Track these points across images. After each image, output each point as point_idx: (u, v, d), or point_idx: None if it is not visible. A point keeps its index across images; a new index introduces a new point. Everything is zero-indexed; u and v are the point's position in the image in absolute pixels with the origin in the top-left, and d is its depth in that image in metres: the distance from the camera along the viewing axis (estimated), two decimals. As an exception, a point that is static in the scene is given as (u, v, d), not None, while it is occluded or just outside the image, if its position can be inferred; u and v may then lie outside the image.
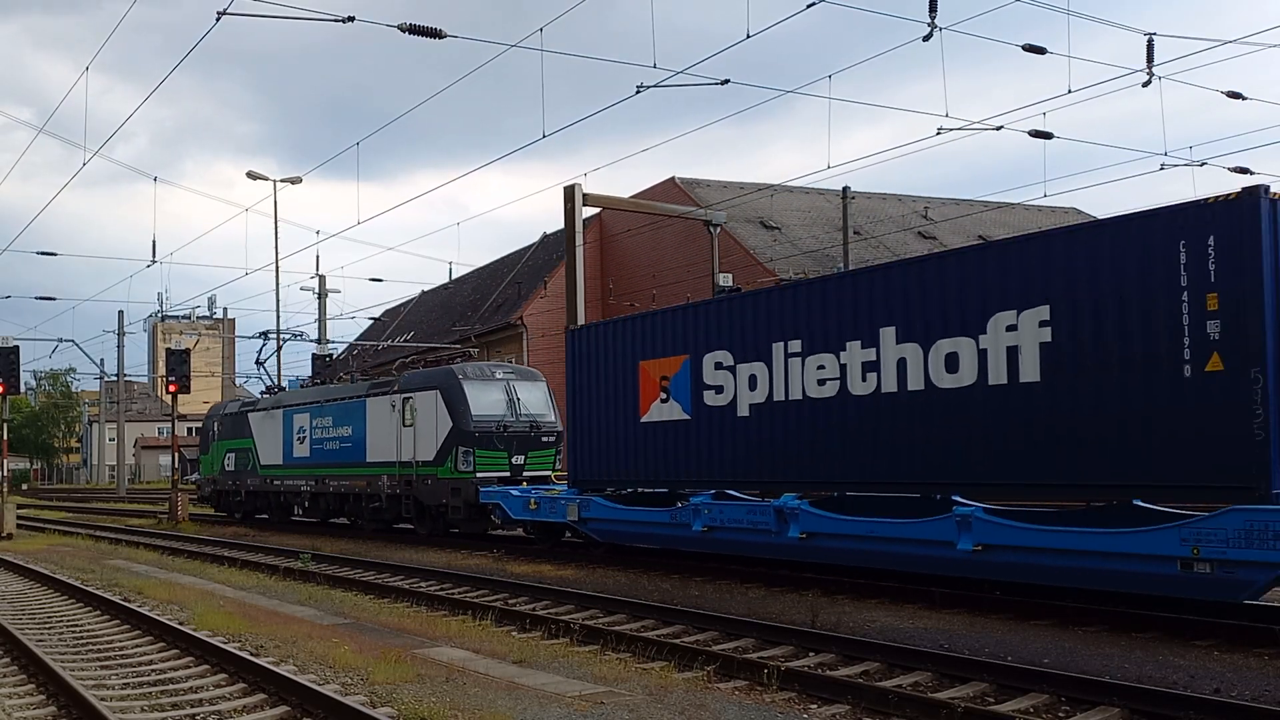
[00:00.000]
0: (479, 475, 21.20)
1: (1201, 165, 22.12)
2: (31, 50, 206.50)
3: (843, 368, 13.16)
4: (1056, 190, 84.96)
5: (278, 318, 39.05)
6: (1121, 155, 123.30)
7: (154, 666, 9.82)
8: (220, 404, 35.45)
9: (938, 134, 18.70)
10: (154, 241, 74.59)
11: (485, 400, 21.86)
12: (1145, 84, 16.74)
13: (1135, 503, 10.89)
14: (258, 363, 32.34)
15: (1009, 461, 11.31)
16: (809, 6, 15.06)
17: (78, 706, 8.00)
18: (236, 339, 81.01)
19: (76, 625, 12.46)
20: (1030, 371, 11.12)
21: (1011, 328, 11.31)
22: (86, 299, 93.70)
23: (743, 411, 14.49)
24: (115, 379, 62.88)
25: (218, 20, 14.30)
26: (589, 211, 29.41)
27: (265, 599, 14.31)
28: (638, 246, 40.25)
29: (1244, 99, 19.11)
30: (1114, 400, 10.41)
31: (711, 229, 28.96)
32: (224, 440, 32.03)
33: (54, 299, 50.05)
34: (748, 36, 15.68)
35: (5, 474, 29.40)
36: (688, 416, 15.37)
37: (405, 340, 46.96)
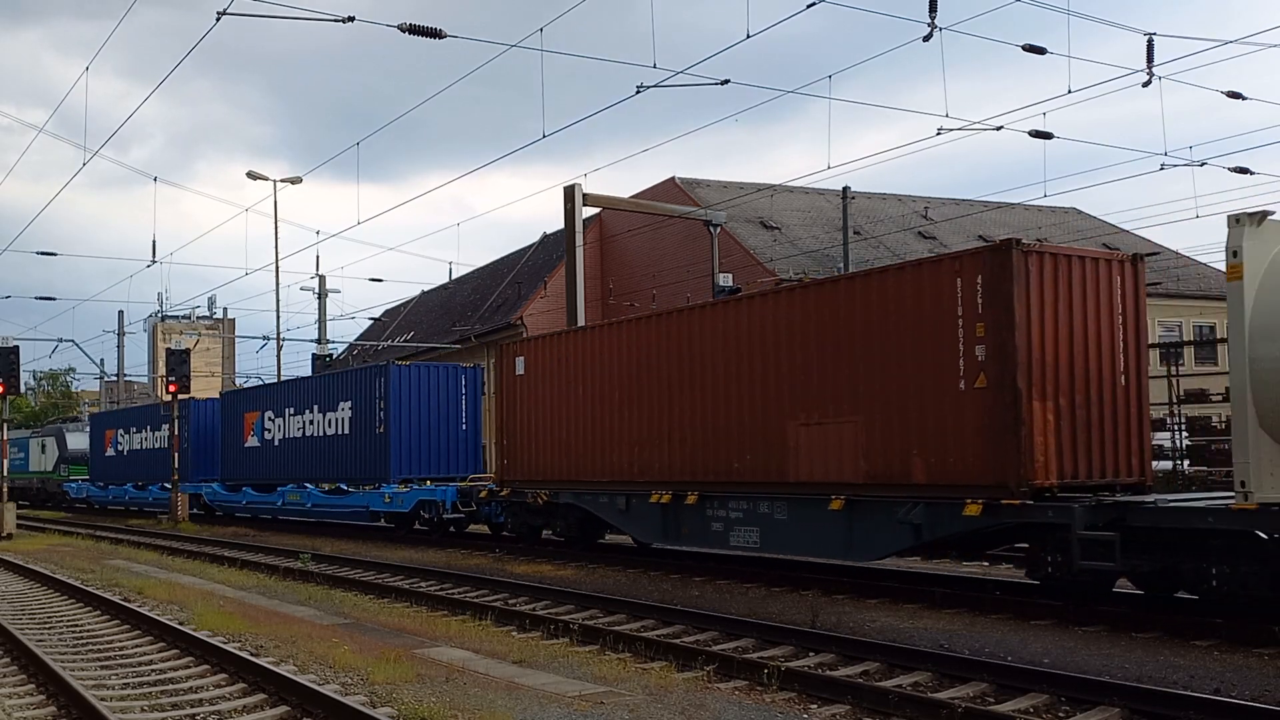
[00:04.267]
0: (72, 479, 44.34)
1: (1202, 165, 22.14)
2: (54, 54, 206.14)
3: (305, 421, 27.53)
4: (1056, 190, 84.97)
5: (278, 318, 39.09)
6: (1122, 155, 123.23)
7: (154, 666, 9.82)
8: None
9: (938, 134, 18.69)
10: (154, 241, 74.63)
11: (77, 440, 44.67)
12: (1145, 84, 16.75)
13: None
14: None
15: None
16: (809, 6, 15.07)
17: (78, 706, 8.00)
18: (236, 339, 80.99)
19: (76, 625, 12.46)
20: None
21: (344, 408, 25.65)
22: (86, 299, 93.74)
23: (275, 443, 28.97)
24: (115, 379, 62.84)
25: (218, 20, 14.34)
26: (589, 211, 29.42)
27: (265, 599, 14.32)
28: (638, 246, 40.24)
29: (1244, 99, 19.11)
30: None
31: (712, 229, 28.96)
32: None
33: (54, 299, 50.16)
34: (748, 36, 15.70)
35: (5, 474, 29.40)
36: (261, 444, 29.66)
37: (405, 340, 46.96)
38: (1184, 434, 20.30)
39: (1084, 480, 11.67)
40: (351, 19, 14.58)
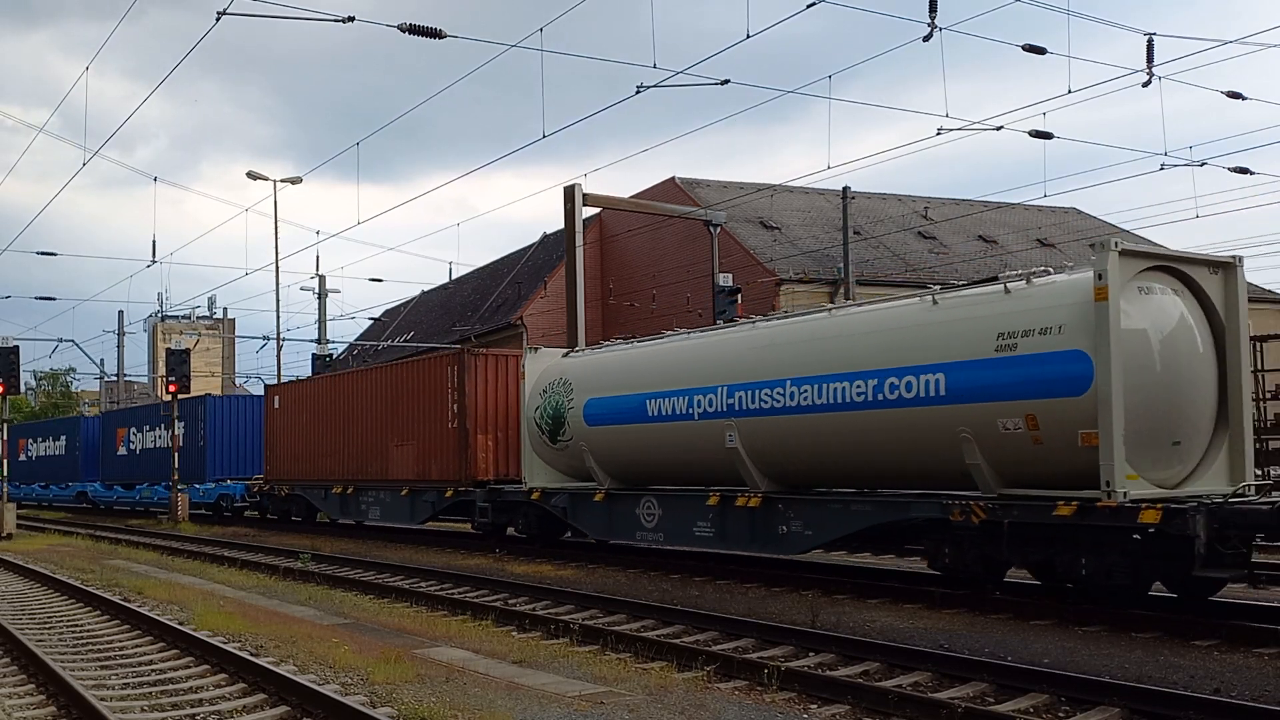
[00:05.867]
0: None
1: (1202, 165, 22.12)
2: (60, 55, 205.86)
3: (154, 436, 35.72)
4: (1056, 190, 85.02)
5: (278, 318, 39.13)
6: (1122, 155, 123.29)
7: (154, 666, 9.82)
8: None
9: (938, 134, 18.66)
10: (154, 241, 74.55)
11: None
12: (1145, 84, 16.73)
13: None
14: None
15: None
16: (809, 6, 15.06)
17: (78, 706, 8.00)
18: (236, 339, 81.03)
19: (76, 625, 12.46)
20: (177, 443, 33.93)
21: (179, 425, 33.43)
22: (86, 299, 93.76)
23: (138, 452, 37.30)
24: (115, 379, 62.83)
25: (217, 20, 14.32)
26: (590, 211, 29.40)
27: (265, 599, 14.32)
28: (638, 246, 40.21)
29: (1244, 99, 19.10)
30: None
31: (711, 229, 28.94)
32: None
33: (54, 299, 50.16)
34: (748, 36, 15.69)
35: (5, 474, 29.39)
36: (127, 453, 38.11)
37: (405, 340, 46.95)
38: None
39: (514, 477, 19.82)
40: (351, 19, 14.58)
